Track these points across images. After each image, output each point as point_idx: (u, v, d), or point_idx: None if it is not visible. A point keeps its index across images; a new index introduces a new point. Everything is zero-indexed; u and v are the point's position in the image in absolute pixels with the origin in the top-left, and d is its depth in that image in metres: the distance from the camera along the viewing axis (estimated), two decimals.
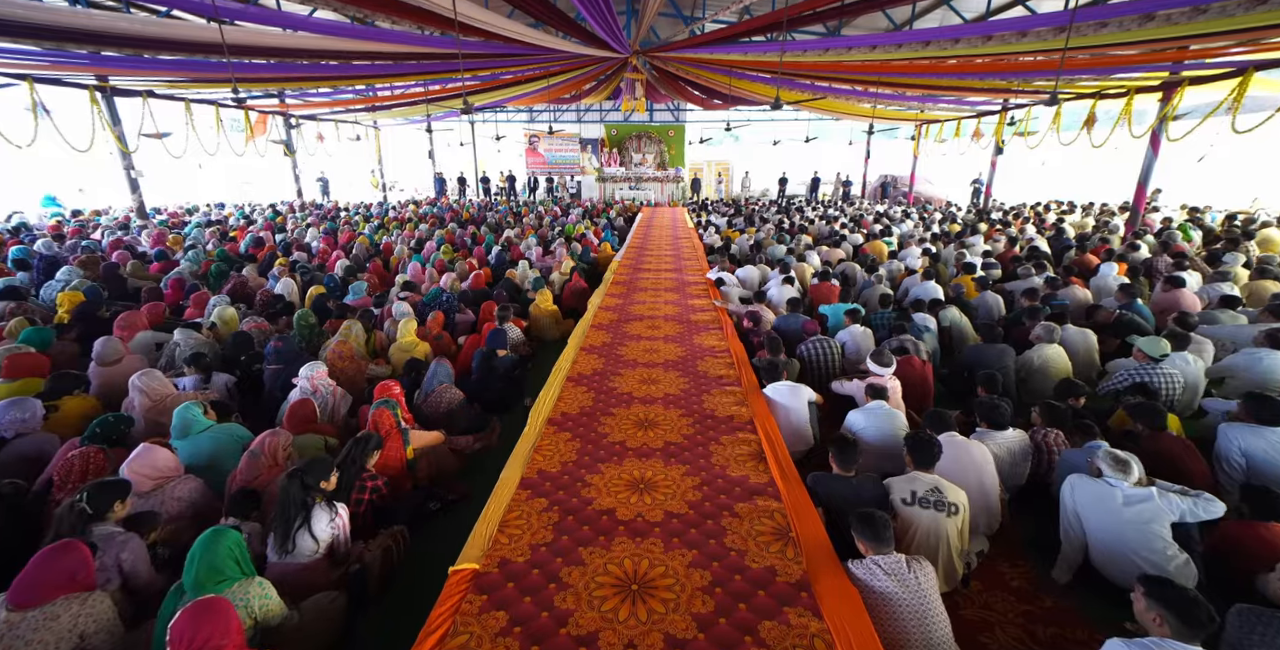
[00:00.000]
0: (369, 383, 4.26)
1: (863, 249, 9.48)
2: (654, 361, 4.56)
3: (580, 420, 3.61)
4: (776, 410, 3.61)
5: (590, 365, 4.52)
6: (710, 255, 9.40)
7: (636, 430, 3.46)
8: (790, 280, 6.78)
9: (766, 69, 9.42)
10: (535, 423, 3.50)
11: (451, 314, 5.68)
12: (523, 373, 4.78)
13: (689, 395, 3.96)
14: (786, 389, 3.63)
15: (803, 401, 3.57)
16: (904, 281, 7.29)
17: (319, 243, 9.72)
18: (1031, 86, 8.83)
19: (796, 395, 3.59)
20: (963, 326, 5.24)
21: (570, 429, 3.48)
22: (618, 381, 4.20)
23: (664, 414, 3.67)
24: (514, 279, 7.54)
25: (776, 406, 3.62)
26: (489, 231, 11.98)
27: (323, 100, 11.91)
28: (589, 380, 4.24)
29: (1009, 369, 4.19)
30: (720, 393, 3.98)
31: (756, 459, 3.12)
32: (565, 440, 3.35)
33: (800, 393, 3.59)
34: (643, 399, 3.90)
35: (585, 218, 14.47)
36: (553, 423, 3.55)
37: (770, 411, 3.61)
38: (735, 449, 3.23)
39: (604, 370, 4.40)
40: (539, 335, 6.26)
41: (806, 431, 3.54)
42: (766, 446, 3.16)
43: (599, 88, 14.20)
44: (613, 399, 3.89)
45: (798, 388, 3.63)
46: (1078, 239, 9.82)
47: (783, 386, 3.65)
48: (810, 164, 24.19)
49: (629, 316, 5.84)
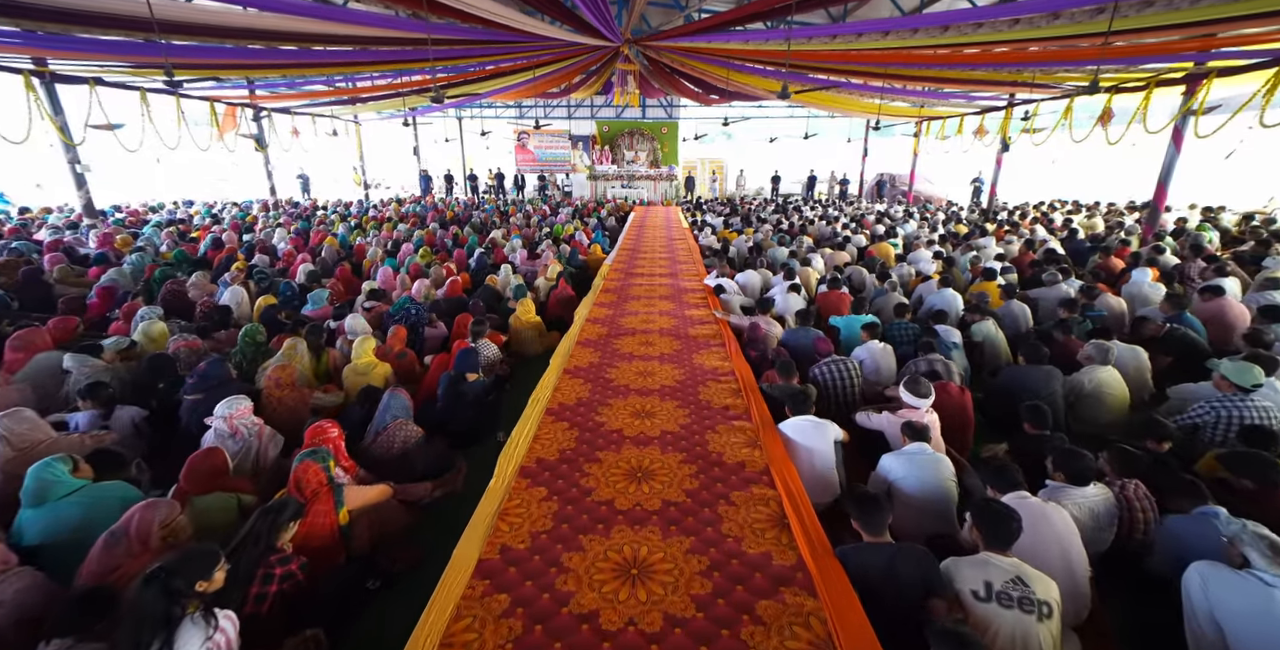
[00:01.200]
0: (315, 414, 3.63)
1: (868, 252, 8.94)
2: (648, 388, 3.95)
3: (557, 469, 2.98)
4: (796, 452, 3.01)
5: (574, 393, 3.91)
6: (707, 258, 8.81)
7: (628, 484, 2.84)
8: (796, 288, 6.21)
9: (769, 60, 8.83)
10: (504, 472, 2.88)
11: (419, 328, 5.05)
12: (498, 397, 4.16)
13: (691, 433, 3.36)
14: (808, 426, 3.04)
15: (828, 441, 2.99)
16: (917, 288, 6.75)
17: (287, 244, 9.03)
18: (1050, 78, 8.31)
19: (821, 434, 3.00)
20: (996, 342, 4.68)
21: (545, 482, 2.85)
22: (605, 415, 3.59)
23: (661, 461, 3.05)
24: (494, 286, 6.90)
25: (796, 448, 3.03)
26: (472, 232, 11.32)
27: (291, 93, 11.18)
28: (572, 413, 3.62)
29: (1056, 395, 3.64)
30: (727, 430, 3.38)
31: (777, 526, 2.53)
32: (539, 498, 2.71)
33: (826, 431, 3.01)
34: (636, 439, 3.28)
35: (575, 217, 13.84)
36: (525, 473, 2.93)
37: (788, 454, 3.02)
38: (750, 511, 2.62)
39: (589, 400, 3.79)
40: (520, 350, 5.64)
41: (832, 478, 2.96)
42: (789, 508, 2.56)
43: (589, 81, 13.55)
44: (599, 438, 3.28)
45: (822, 425, 3.04)
46: (1091, 241, 9.34)
47: (804, 423, 3.06)
48: (804, 162, 23.69)
49: (620, 330, 5.24)
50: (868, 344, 4.52)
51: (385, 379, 4.08)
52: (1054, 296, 5.94)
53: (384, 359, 4.36)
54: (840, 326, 5.27)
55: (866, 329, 4.59)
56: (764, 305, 5.34)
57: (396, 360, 4.42)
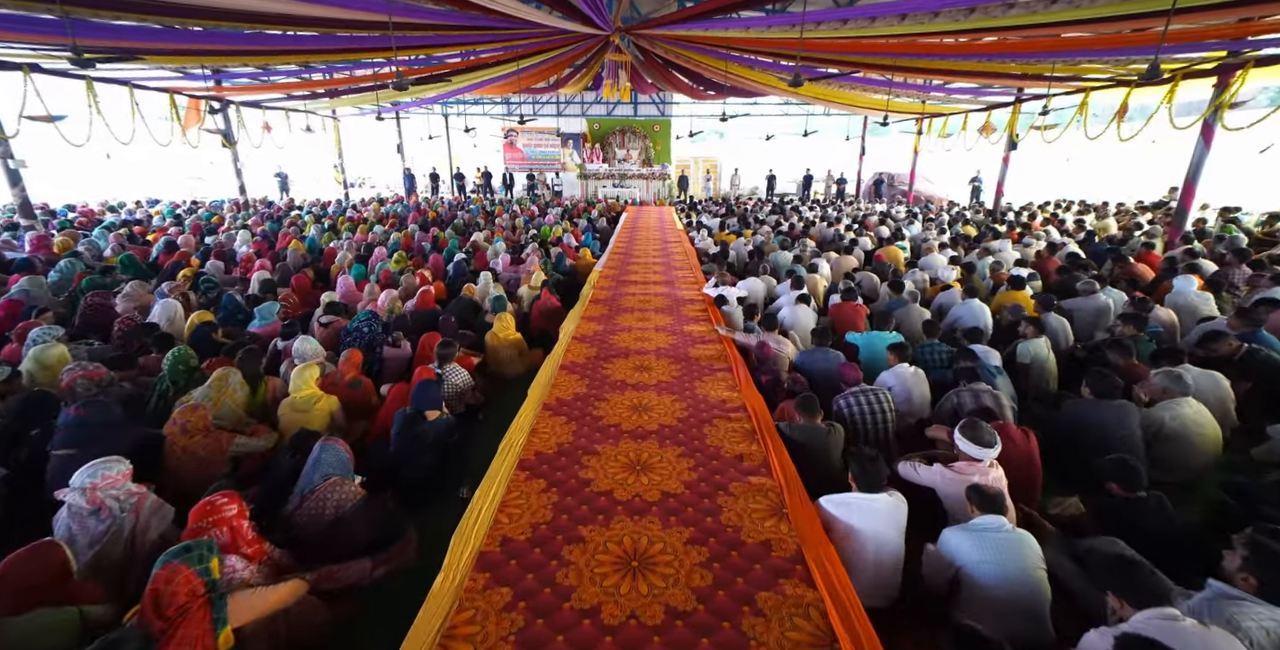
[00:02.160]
0: (233, 466, 2.96)
1: (877, 256, 8.36)
2: (644, 428, 3.31)
3: (527, 555, 2.30)
4: (848, 543, 2.29)
5: (555, 436, 3.25)
6: (704, 263, 8.19)
7: (620, 578, 2.17)
8: (805, 298, 5.60)
9: (772, 51, 8.21)
10: (458, 561, 2.22)
11: (376, 349, 4.37)
12: (467, 436, 3.50)
13: (699, 496, 2.69)
14: (865, 506, 2.31)
15: (895, 526, 2.27)
16: (937, 299, 6.16)
17: (249, 248, 8.30)
18: (1072, 69, 7.76)
19: (892, 518, 2.28)
20: (1045, 366, 4.09)
21: (510, 581, 2.16)
22: (593, 467, 2.92)
23: (663, 539, 2.38)
24: (472, 296, 6.23)
25: (851, 536, 2.29)
26: (454, 235, 10.63)
27: (256, 85, 10.42)
28: (550, 466, 2.96)
29: (1134, 437, 3.04)
30: (746, 494, 2.68)
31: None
32: (501, 606, 2.06)
33: (894, 513, 2.28)
34: (630, 505, 2.61)
35: (564, 218, 13.17)
36: (484, 563, 2.26)
37: (829, 537, 2.33)
38: (784, 627, 1.95)
39: (573, 446, 3.13)
40: (498, 371, 4.99)
41: (893, 578, 2.27)
42: (840, 627, 1.89)
43: (578, 75, 12.88)
44: (580, 503, 2.62)
45: (894, 505, 2.31)
46: (1108, 243, 8.82)
47: (861, 502, 2.32)
48: (799, 161, 23.18)
49: (610, 351, 4.59)
50: (896, 369, 3.91)
51: (330, 416, 3.42)
52: (1091, 308, 5.38)
53: (331, 390, 3.69)
54: (859, 345, 4.66)
55: (894, 351, 3.98)
56: (769, 321, 4.70)
57: (347, 390, 3.76)
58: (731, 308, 5.68)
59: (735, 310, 5.65)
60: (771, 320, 4.70)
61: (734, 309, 5.67)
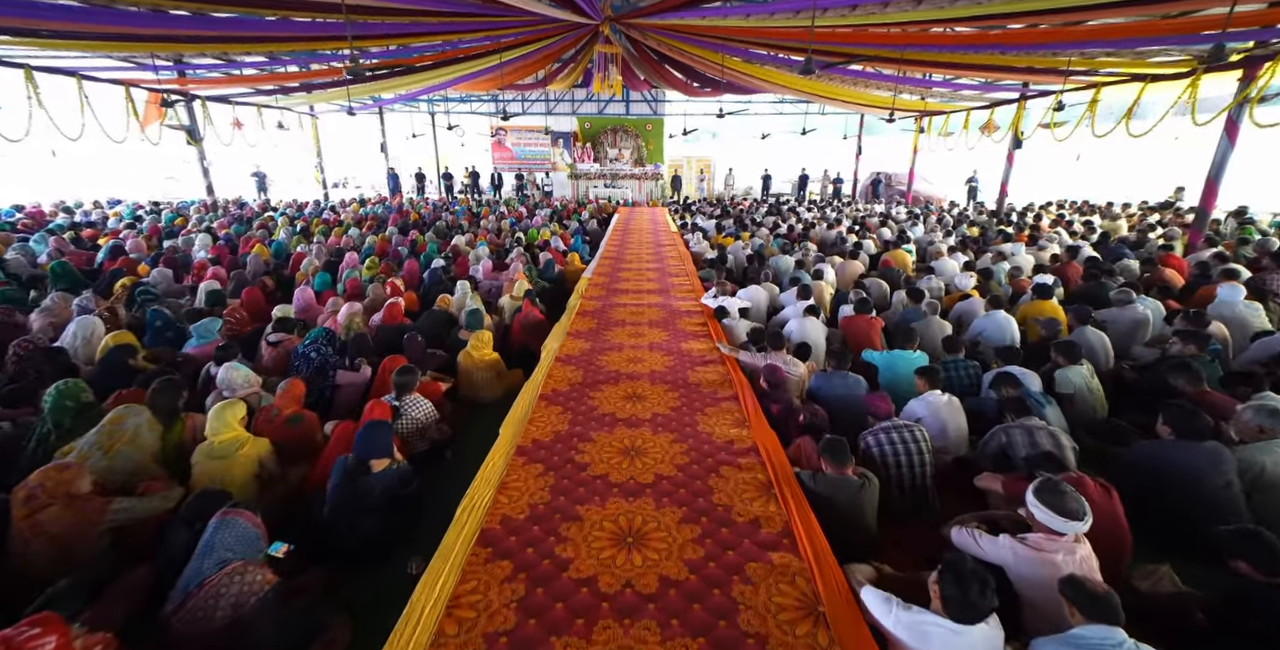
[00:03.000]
0: (111, 541, 2.36)
1: (884, 261, 7.84)
2: (637, 481, 2.72)
3: None
4: None
5: (527, 492, 2.66)
6: (702, 269, 7.64)
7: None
8: (814, 310, 5.06)
9: (773, 42, 7.68)
10: None
11: (326, 374, 3.77)
12: (418, 493, 2.89)
13: (709, 582, 2.13)
14: (951, 642, 1.67)
15: None
16: (955, 309, 5.65)
17: (207, 253, 7.64)
18: (1090, 63, 7.29)
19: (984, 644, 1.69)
20: (1090, 395, 3.56)
21: None
22: (572, 539, 2.33)
23: None
24: (447, 308, 5.64)
25: None
26: (434, 238, 10.01)
27: (218, 76, 9.75)
28: (519, 536, 2.37)
29: (1234, 487, 2.51)
30: (766, 580, 2.12)
31: None
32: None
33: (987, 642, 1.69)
34: (618, 605, 2.02)
35: (553, 220, 12.57)
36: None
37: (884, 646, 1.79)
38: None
39: (549, 507, 2.54)
40: (471, 396, 4.41)
41: None
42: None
43: (566, 70, 12.31)
44: (554, 607, 2.03)
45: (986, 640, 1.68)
46: (1124, 245, 8.37)
47: (945, 635, 1.67)
48: (794, 161, 22.73)
49: (598, 375, 4.01)
50: (927, 397, 3.38)
51: (258, 463, 2.82)
52: (1128, 320, 4.88)
53: (265, 428, 3.09)
54: (878, 365, 4.13)
55: (924, 376, 3.44)
56: (776, 340, 4.14)
57: (285, 428, 3.16)
58: (733, 321, 5.13)
59: (737, 323, 5.10)
60: (779, 338, 4.14)
61: (736, 322, 5.12)
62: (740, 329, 5.04)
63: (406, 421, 3.33)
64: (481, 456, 3.04)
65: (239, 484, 2.68)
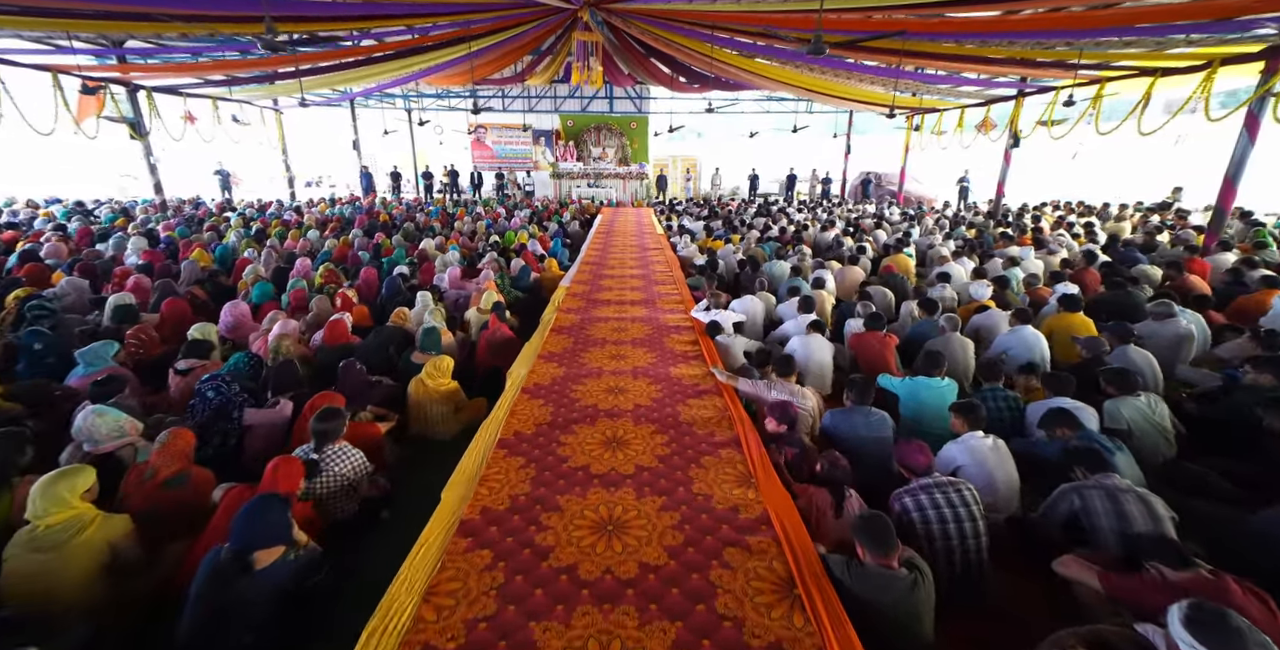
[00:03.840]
0: None
1: (886, 266, 7.30)
2: (615, 575, 2.03)
3: None
4: None
5: (470, 597, 2.01)
6: (691, 276, 7.03)
7: None
8: (820, 326, 4.48)
9: (767, 31, 7.08)
10: None
11: (229, 416, 3.06)
12: (332, 582, 2.20)
13: None
14: None
15: None
16: (971, 322, 5.10)
17: (138, 258, 6.82)
18: (1100, 57, 6.83)
19: None
20: (1153, 431, 3.00)
21: None
22: None
23: None
24: (403, 324, 4.95)
25: None
26: (403, 241, 9.26)
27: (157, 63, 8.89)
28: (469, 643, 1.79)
29: None
30: None
31: None
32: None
33: None
34: None
35: (533, 221, 11.87)
36: None
37: None
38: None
39: (497, 618, 1.91)
40: (424, 433, 3.74)
41: None
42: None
43: (543, 62, 11.62)
44: None
45: None
46: (1141, 250, 7.94)
47: None
48: (781, 160, 22.29)
49: (571, 411, 3.35)
50: (968, 441, 2.79)
51: (108, 551, 2.12)
52: (1170, 335, 4.37)
53: (132, 497, 2.40)
54: (898, 394, 3.55)
55: (963, 414, 2.86)
56: (784, 365, 3.52)
57: (160, 492, 2.46)
58: (729, 339, 4.51)
59: (734, 342, 4.48)
60: (788, 363, 3.53)
61: (732, 340, 4.50)
62: (737, 348, 4.43)
63: (327, 479, 2.65)
64: (426, 516, 2.40)
65: (75, 584, 1.99)
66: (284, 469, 2.41)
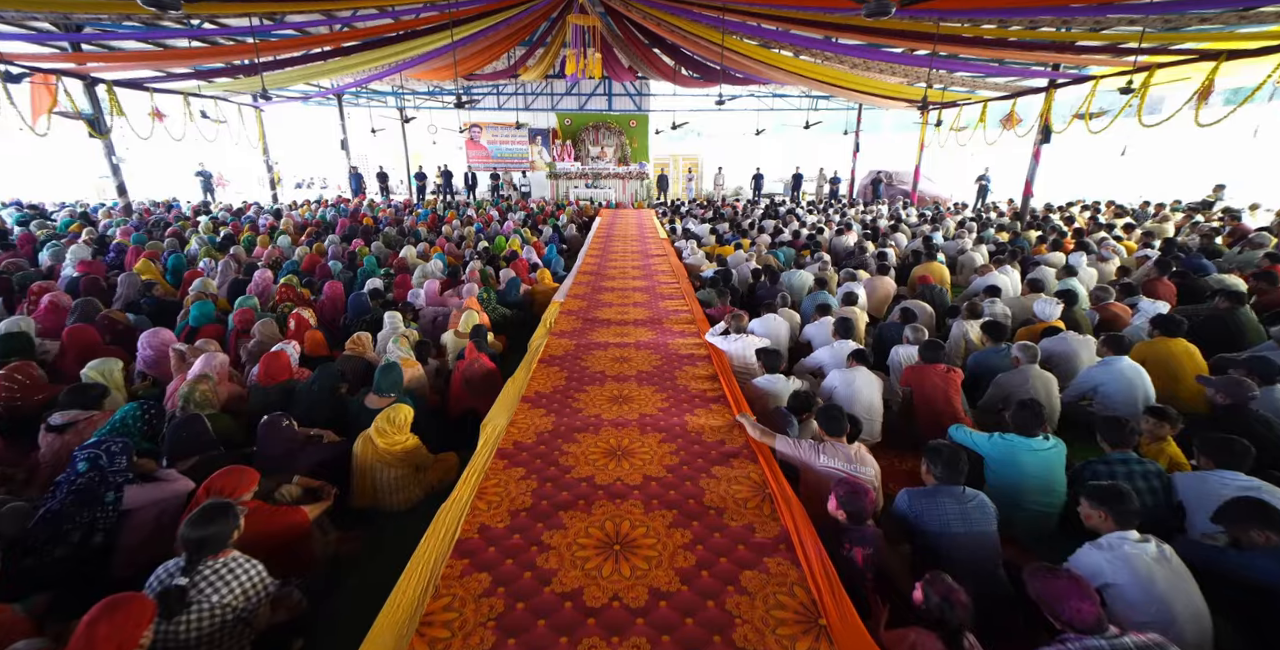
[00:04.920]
0: None
1: (921, 277, 6.47)
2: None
3: None
4: None
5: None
6: (702, 289, 6.21)
7: None
8: (864, 358, 3.65)
9: (788, 16, 6.27)
10: None
11: (97, 500, 2.24)
12: None
13: None
14: None
15: None
16: (1041, 347, 4.27)
17: (74, 271, 6.00)
18: (1173, 38, 6.01)
19: None
20: None
21: None
22: None
23: None
24: (362, 354, 4.13)
25: None
26: (384, 247, 8.45)
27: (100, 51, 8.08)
28: None
29: None
30: None
31: None
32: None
33: None
34: None
35: (526, 226, 11.05)
36: None
37: None
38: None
39: None
40: (373, 505, 2.92)
41: None
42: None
43: (535, 54, 10.80)
44: None
45: None
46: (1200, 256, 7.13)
47: None
48: (786, 159, 21.52)
49: (560, 489, 2.50)
50: (1115, 543, 1.98)
51: None
52: None
53: None
54: (981, 455, 2.73)
55: (1107, 505, 2.04)
56: (833, 422, 2.67)
57: None
58: (774, 382, 3.60)
59: (783, 386, 3.54)
60: (838, 419, 2.69)
61: (779, 383, 3.57)
62: (779, 392, 3.54)
63: (200, 616, 1.83)
64: None
65: None
66: (111, 623, 1.57)
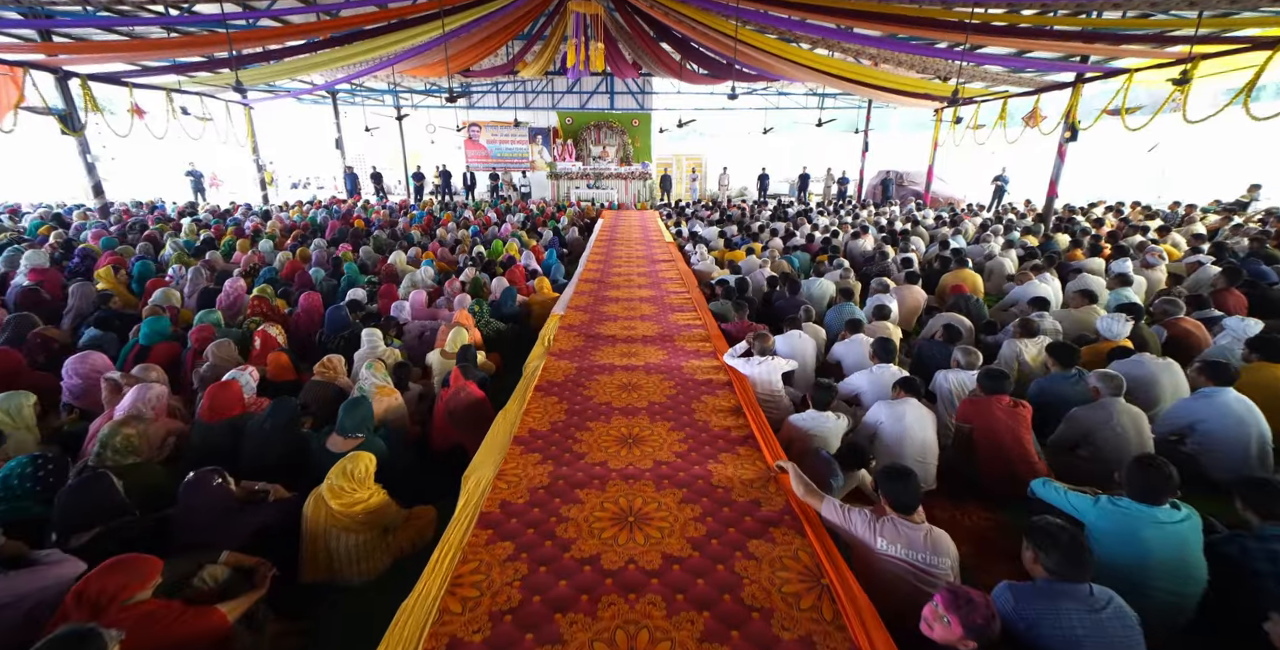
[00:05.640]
0: None
1: (954, 287, 5.92)
2: None
3: None
4: None
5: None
6: (713, 300, 5.66)
7: None
8: (915, 388, 3.11)
9: (808, 3, 5.72)
10: None
11: None
12: None
13: None
14: None
15: None
16: None
17: (25, 280, 5.47)
18: (1235, 23, 5.47)
19: None
20: None
21: None
22: None
23: None
24: (333, 380, 3.59)
25: None
26: (372, 253, 7.92)
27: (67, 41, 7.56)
28: None
29: None
30: None
31: None
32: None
33: None
34: None
35: (524, 229, 10.51)
36: None
37: None
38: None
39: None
40: (328, 580, 2.38)
41: None
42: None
43: (533, 48, 10.26)
44: None
45: None
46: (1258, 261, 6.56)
47: None
48: (792, 159, 20.96)
49: (557, 576, 1.95)
50: None
51: None
52: None
53: None
54: (1089, 525, 2.18)
55: None
56: (903, 490, 2.10)
57: None
58: (822, 421, 3.04)
59: (831, 425, 2.98)
60: (906, 488, 2.12)
61: (829, 422, 3.01)
62: (825, 433, 2.98)
63: None
64: None
65: None
66: None
